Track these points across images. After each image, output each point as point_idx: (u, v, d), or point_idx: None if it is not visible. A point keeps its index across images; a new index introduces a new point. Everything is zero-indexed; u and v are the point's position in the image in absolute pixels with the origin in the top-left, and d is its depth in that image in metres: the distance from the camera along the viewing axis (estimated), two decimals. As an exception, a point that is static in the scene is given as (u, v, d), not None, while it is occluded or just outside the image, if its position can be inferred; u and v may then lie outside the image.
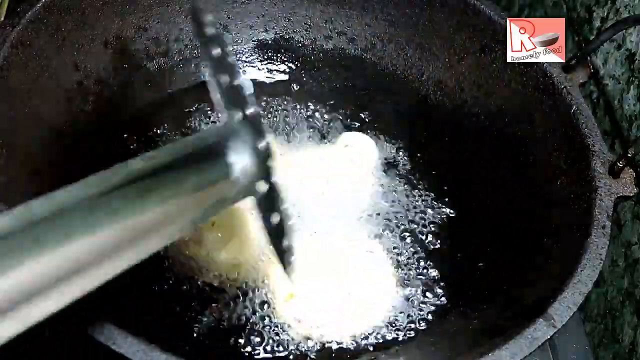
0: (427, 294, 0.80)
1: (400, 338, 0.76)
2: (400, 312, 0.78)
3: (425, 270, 0.82)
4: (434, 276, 0.82)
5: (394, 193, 0.89)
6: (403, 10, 0.96)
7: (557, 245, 0.74)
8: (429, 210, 0.88)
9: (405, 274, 0.81)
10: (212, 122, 0.94)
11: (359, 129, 0.96)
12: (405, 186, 0.90)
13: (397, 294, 0.79)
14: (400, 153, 0.94)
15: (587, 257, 0.66)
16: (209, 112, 0.95)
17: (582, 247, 0.67)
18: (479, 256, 0.83)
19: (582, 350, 0.86)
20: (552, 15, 1.07)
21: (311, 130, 0.95)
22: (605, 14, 0.94)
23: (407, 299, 0.79)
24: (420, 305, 0.79)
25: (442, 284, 0.81)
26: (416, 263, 0.82)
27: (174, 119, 0.93)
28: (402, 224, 0.86)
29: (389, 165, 0.93)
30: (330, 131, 0.95)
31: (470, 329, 0.74)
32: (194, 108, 0.95)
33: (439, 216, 0.87)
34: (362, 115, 0.98)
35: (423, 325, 0.77)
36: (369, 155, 0.91)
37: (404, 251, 0.83)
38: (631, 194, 0.73)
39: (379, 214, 0.87)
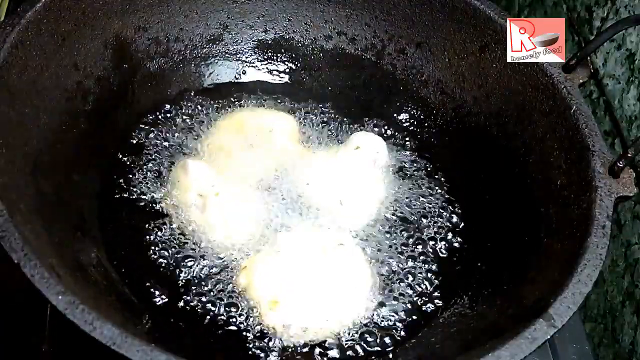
0: (427, 293, 0.80)
1: (398, 338, 0.76)
2: (397, 312, 0.78)
3: (425, 270, 0.82)
4: (433, 276, 0.81)
5: (393, 192, 0.89)
6: (403, 10, 0.96)
7: (557, 245, 0.74)
8: (429, 210, 0.88)
9: (404, 273, 0.81)
10: (210, 121, 0.94)
11: (359, 129, 0.96)
12: (405, 185, 0.90)
13: (383, 292, 0.79)
14: (400, 153, 0.94)
15: (587, 257, 0.66)
16: (209, 112, 0.95)
17: (582, 247, 0.67)
18: (478, 256, 0.83)
19: (582, 350, 0.85)
20: (552, 15, 1.07)
21: (312, 129, 0.95)
22: (605, 14, 0.94)
23: (406, 299, 0.79)
24: (420, 304, 0.79)
25: (442, 284, 0.81)
26: (416, 262, 0.82)
27: (175, 119, 0.93)
28: (402, 223, 0.86)
29: (390, 164, 0.93)
30: (331, 131, 0.96)
31: (470, 329, 0.74)
32: (194, 108, 0.95)
33: (438, 216, 0.87)
34: (362, 115, 0.98)
35: (422, 325, 0.77)
36: (380, 157, 0.91)
37: (404, 250, 0.83)
38: (631, 194, 0.73)
39: (379, 213, 0.87)
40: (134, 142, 0.90)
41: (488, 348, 0.59)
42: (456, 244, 0.85)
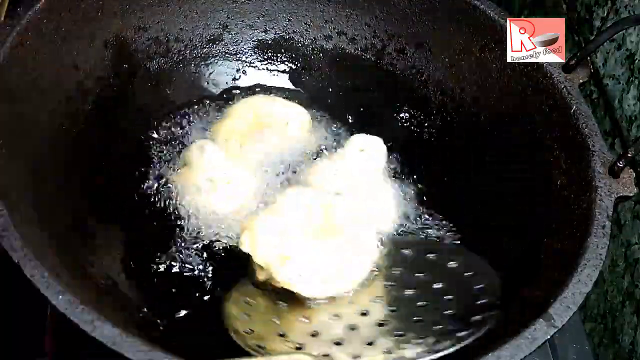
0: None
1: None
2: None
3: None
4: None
5: (392, 192, 0.89)
6: (403, 10, 0.96)
7: (557, 245, 0.74)
8: (428, 210, 0.88)
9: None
10: (209, 121, 0.94)
11: (358, 129, 0.96)
12: (405, 186, 0.90)
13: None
14: (400, 153, 0.94)
15: (587, 257, 0.66)
16: (209, 112, 0.95)
17: (582, 247, 0.67)
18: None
19: (582, 350, 0.86)
20: (552, 15, 1.07)
21: (311, 129, 0.95)
22: (605, 14, 0.94)
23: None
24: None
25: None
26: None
27: (174, 119, 0.93)
28: (401, 223, 0.86)
29: (388, 165, 0.93)
30: (331, 130, 0.96)
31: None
32: (194, 108, 0.95)
33: (438, 216, 0.87)
34: (362, 116, 0.98)
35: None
36: (380, 159, 0.90)
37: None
38: (631, 194, 0.74)
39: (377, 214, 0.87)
40: (134, 142, 0.90)
41: (488, 348, 0.59)
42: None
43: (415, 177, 0.91)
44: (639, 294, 0.87)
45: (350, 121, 0.97)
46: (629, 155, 0.73)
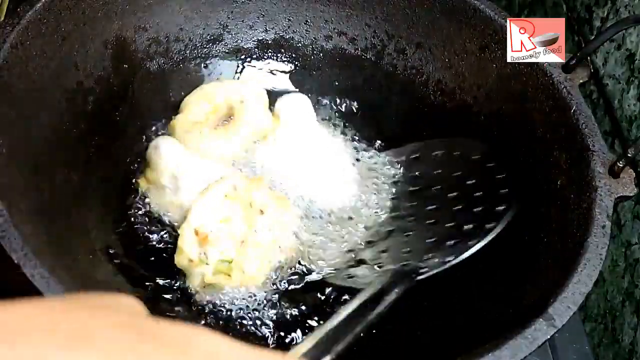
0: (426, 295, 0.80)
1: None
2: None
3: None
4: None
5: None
6: (403, 10, 0.96)
7: (557, 245, 0.74)
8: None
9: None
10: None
11: (358, 129, 0.96)
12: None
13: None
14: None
15: (587, 257, 0.66)
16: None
17: (582, 247, 0.67)
18: (478, 256, 0.83)
19: (582, 350, 0.86)
20: (552, 15, 1.07)
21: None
22: (605, 14, 0.94)
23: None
24: (419, 304, 0.79)
25: (440, 284, 0.81)
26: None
27: (174, 119, 0.93)
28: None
29: (388, 166, 0.93)
30: (331, 131, 0.95)
31: (470, 329, 0.74)
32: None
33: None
34: (362, 116, 0.98)
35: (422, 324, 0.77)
36: (307, 109, 0.92)
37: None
38: (631, 194, 0.74)
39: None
40: (134, 141, 0.90)
41: (488, 348, 0.59)
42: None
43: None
44: (639, 294, 0.87)
45: (350, 122, 0.97)
46: (629, 155, 0.73)
